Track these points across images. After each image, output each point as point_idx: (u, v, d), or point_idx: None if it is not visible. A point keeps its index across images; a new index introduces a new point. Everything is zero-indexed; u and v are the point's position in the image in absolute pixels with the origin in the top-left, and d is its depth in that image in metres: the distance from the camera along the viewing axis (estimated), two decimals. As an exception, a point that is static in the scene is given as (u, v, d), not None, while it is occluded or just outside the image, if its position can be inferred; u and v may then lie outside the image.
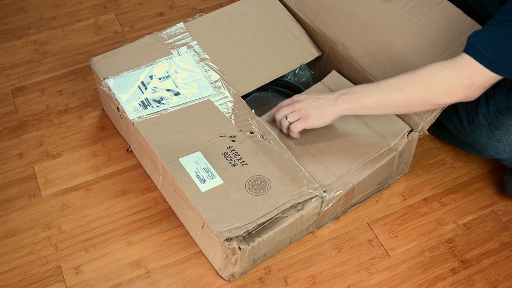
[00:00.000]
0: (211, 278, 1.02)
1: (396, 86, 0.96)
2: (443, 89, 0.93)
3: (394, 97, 0.96)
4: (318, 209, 1.00)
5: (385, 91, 0.97)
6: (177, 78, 1.13)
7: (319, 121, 1.00)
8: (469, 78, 0.90)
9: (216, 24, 1.20)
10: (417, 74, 0.95)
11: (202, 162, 1.00)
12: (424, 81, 0.93)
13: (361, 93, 0.98)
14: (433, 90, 0.93)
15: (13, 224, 1.08)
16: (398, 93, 0.96)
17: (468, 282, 1.04)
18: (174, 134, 1.04)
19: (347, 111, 0.99)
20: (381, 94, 0.97)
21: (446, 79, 0.92)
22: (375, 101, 0.97)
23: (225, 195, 0.96)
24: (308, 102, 1.01)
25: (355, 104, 0.98)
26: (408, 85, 0.95)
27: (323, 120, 1.00)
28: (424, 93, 0.94)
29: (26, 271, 1.02)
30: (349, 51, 1.15)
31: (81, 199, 1.12)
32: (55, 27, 1.45)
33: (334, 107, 0.99)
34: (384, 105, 0.97)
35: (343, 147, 1.06)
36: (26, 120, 1.25)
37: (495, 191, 1.17)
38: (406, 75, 0.96)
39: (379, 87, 0.97)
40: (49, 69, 1.35)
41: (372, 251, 1.08)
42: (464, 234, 1.11)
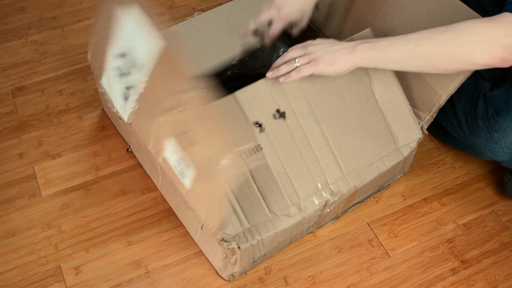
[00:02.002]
0: (211, 278, 1.03)
1: (426, 36, 0.86)
2: (480, 43, 0.83)
3: (422, 47, 0.85)
4: (320, 211, 1.00)
5: (413, 40, 0.86)
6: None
7: (330, 68, 0.89)
8: (509, 35, 0.81)
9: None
10: (451, 26, 0.85)
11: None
12: (459, 32, 0.83)
13: (384, 42, 0.87)
14: (468, 43, 0.83)
15: (13, 224, 1.08)
16: (428, 43, 0.85)
17: (468, 282, 1.04)
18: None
19: (366, 61, 0.88)
20: (408, 43, 0.86)
21: (484, 33, 0.82)
22: (400, 50, 0.86)
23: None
24: (322, 46, 0.90)
25: (376, 53, 0.87)
26: (440, 35, 0.85)
27: (336, 67, 0.89)
28: (458, 45, 0.84)
29: (26, 271, 1.02)
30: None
31: (81, 199, 1.12)
32: (55, 27, 1.45)
33: (351, 54, 0.88)
34: (409, 56, 0.86)
35: (357, 138, 1.01)
36: (26, 120, 1.25)
37: (495, 191, 1.18)
38: (438, 28, 0.86)
39: (406, 36, 0.87)
40: (49, 69, 1.35)
41: (372, 251, 1.08)
42: (464, 234, 1.11)
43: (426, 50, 0.85)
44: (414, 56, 0.86)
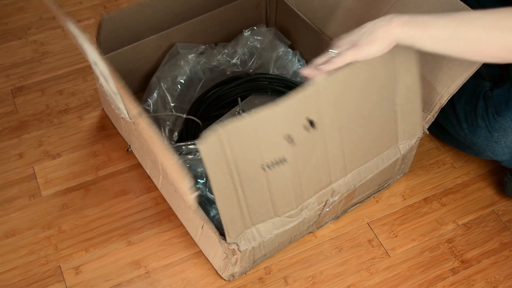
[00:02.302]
0: (211, 278, 1.03)
1: (472, 16, 0.78)
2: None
3: (466, 28, 0.77)
4: (320, 211, 1.00)
5: (456, 20, 0.78)
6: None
7: (372, 48, 0.81)
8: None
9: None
10: (495, 10, 0.77)
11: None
12: (506, 17, 0.76)
13: (423, 17, 0.79)
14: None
15: (13, 224, 1.08)
16: (472, 24, 0.77)
17: (468, 282, 1.04)
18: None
19: (405, 34, 0.79)
20: (451, 22, 0.77)
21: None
22: (442, 29, 0.78)
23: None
24: (354, 33, 0.83)
25: (414, 27, 0.79)
26: (485, 17, 0.77)
27: (378, 45, 0.80)
28: (504, 29, 0.76)
29: (26, 271, 1.02)
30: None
31: (81, 199, 1.12)
32: (55, 27, 1.45)
33: (388, 27, 0.79)
34: (451, 36, 0.78)
35: (363, 136, 0.98)
36: (26, 120, 1.25)
37: (495, 191, 1.18)
38: (481, 10, 0.78)
39: (449, 15, 0.79)
40: (49, 69, 1.35)
41: (372, 251, 1.08)
42: (464, 234, 1.11)
43: (470, 32, 0.78)
44: (456, 36, 0.78)
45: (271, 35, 1.26)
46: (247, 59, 1.24)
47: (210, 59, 1.21)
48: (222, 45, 1.24)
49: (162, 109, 1.15)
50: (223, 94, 1.19)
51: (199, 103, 1.16)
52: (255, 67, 1.26)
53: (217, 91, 1.18)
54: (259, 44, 1.25)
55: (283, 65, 1.26)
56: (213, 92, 1.18)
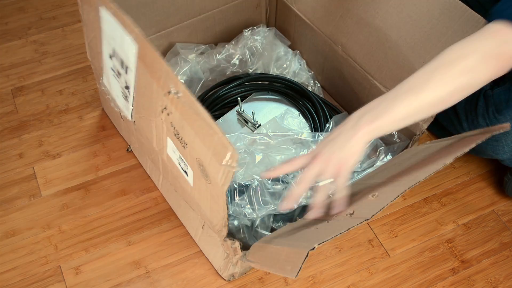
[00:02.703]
0: (211, 278, 1.03)
1: (423, 79, 0.78)
2: (476, 65, 0.76)
3: (426, 92, 0.77)
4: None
5: (412, 89, 0.77)
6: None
7: (356, 157, 0.78)
8: (501, 45, 0.76)
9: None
10: (442, 59, 0.78)
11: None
12: (453, 62, 0.76)
13: (383, 104, 0.78)
14: (466, 70, 0.76)
15: (13, 224, 1.08)
16: (429, 86, 0.77)
17: (468, 282, 1.04)
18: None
19: (373, 132, 0.78)
20: (409, 95, 0.77)
21: (479, 52, 0.76)
22: (405, 106, 0.77)
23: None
24: (329, 148, 0.79)
25: (381, 119, 0.77)
26: (436, 73, 0.77)
27: (358, 153, 0.78)
28: (457, 75, 0.76)
29: (26, 271, 1.02)
30: (348, 51, 1.15)
31: (81, 199, 1.12)
32: (55, 27, 1.45)
33: (358, 134, 0.77)
34: (416, 107, 0.77)
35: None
36: (26, 120, 1.25)
37: (495, 191, 1.18)
38: (426, 66, 0.79)
39: (402, 89, 0.78)
40: (49, 69, 1.35)
41: (372, 251, 1.08)
42: (464, 234, 1.11)
43: (430, 95, 0.77)
44: (420, 106, 0.78)
45: (271, 35, 1.26)
46: (247, 59, 1.24)
47: (210, 59, 1.21)
48: (222, 45, 1.24)
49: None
50: (223, 94, 1.19)
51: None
52: (255, 67, 1.26)
53: (217, 91, 1.18)
54: (259, 44, 1.25)
55: (283, 65, 1.27)
56: (213, 92, 1.18)
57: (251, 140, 1.02)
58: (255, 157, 1.00)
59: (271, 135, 1.03)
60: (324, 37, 1.19)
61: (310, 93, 1.18)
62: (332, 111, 1.21)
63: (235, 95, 1.20)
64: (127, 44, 0.86)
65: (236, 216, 0.98)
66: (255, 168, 1.00)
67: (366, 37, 1.13)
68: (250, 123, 1.15)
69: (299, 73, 1.27)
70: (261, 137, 1.03)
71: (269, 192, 0.97)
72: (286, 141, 1.03)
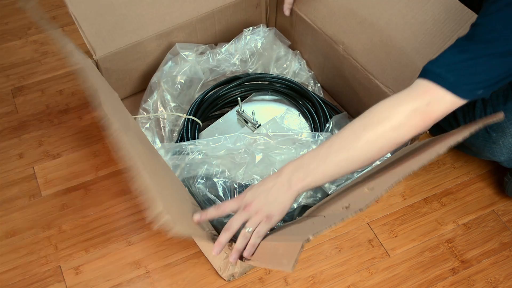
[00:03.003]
0: (211, 278, 1.03)
1: (353, 137, 0.82)
2: (404, 122, 0.81)
3: (355, 150, 0.81)
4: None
5: (342, 146, 0.82)
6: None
7: (283, 214, 0.83)
8: (428, 104, 0.80)
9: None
10: (371, 116, 0.82)
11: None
12: (382, 120, 0.81)
13: (315, 162, 0.82)
14: (394, 127, 0.81)
15: (13, 224, 1.08)
16: (359, 143, 0.81)
17: (468, 282, 1.04)
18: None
19: (306, 187, 0.83)
20: (340, 152, 0.81)
21: (404, 110, 0.80)
22: (335, 163, 0.81)
23: None
24: (261, 200, 0.83)
25: (313, 177, 0.82)
26: (366, 131, 0.81)
27: (286, 210, 0.83)
28: (385, 132, 0.81)
29: (26, 271, 1.02)
30: (349, 50, 1.15)
31: (81, 199, 1.12)
32: (55, 27, 1.45)
33: (290, 191, 0.82)
34: (346, 164, 0.82)
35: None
36: (26, 120, 1.25)
37: (495, 191, 1.18)
38: (356, 122, 0.83)
39: (333, 146, 0.82)
40: (49, 69, 1.35)
41: (372, 251, 1.08)
42: (464, 234, 1.11)
43: (359, 151, 0.81)
44: (350, 162, 0.82)
45: (271, 35, 1.26)
46: (247, 59, 1.24)
47: (210, 59, 1.21)
48: (222, 45, 1.24)
49: (162, 109, 1.15)
50: (223, 94, 1.19)
51: (199, 103, 1.16)
52: (255, 67, 1.25)
53: (217, 91, 1.18)
54: (259, 44, 1.25)
55: (283, 65, 1.26)
56: (213, 92, 1.18)
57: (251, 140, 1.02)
58: (255, 157, 1.00)
59: (271, 135, 1.03)
60: (325, 36, 1.19)
61: (310, 93, 1.18)
62: (332, 111, 1.21)
63: (235, 95, 1.19)
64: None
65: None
66: (255, 168, 1.00)
67: (369, 37, 1.13)
68: (250, 123, 1.15)
69: (299, 73, 1.27)
70: (261, 137, 1.03)
71: (269, 192, 0.97)
72: (286, 141, 1.03)
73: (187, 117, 1.12)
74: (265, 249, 0.81)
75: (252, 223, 0.82)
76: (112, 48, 1.12)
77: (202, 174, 1.01)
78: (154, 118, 1.15)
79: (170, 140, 1.14)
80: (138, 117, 1.14)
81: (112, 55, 1.13)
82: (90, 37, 1.12)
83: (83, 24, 1.12)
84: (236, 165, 1.00)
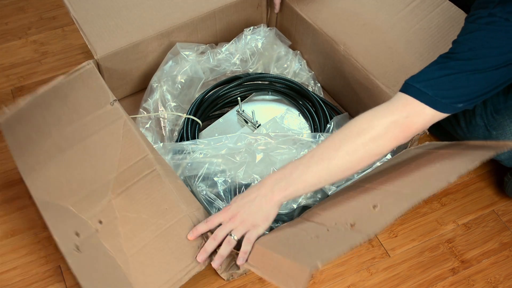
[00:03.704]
0: (211, 278, 1.02)
1: (333, 147, 0.85)
2: (385, 134, 0.84)
3: (336, 160, 0.84)
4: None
5: (323, 157, 0.84)
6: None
7: (268, 223, 0.87)
8: (407, 117, 0.83)
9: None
10: (352, 127, 0.85)
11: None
12: (362, 131, 0.84)
13: (296, 172, 0.85)
14: (374, 138, 0.83)
15: (13, 224, 1.08)
16: (339, 153, 0.84)
17: (468, 282, 1.04)
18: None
19: (288, 197, 0.87)
20: (320, 162, 0.84)
21: (384, 122, 0.83)
22: (316, 173, 0.85)
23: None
24: (245, 210, 0.87)
25: (295, 186, 0.85)
26: (346, 141, 0.84)
27: (271, 218, 0.87)
28: (365, 143, 0.83)
29: (26, 271, 1.02)
30: (351, 51, 1.15)
31: (81, 199, 1.12)
32: (55, 27, 1.45)
33: (273, 201, 0.86)
34: (327, 174, 0.85)
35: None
36: (26, 120, 1.25)
37: (495, 191, 1.18)
38: (337, 134, 0.86)
39: (314, 157, 0.85)
40: (49, 69, 1.35)
41: (372, 251, 1.08)
42: (464, 234, 1.11)
43: (340, 161, 0.84)
44: (331, 172, 0.85)
45: (272, 35, 1.26)
46: (248, 59, 1.25)
47: (211, 59, 1.21)
48: (223, 44, 1.24)
49: (162, 109, 1.16)
50: (223, 94, 1.19)
51: (199, 103, 1.16)
52: (256, 67, 1.26)
53: (217, 91, 1.18)
54: (260, 44, 1.25)
55: (284, 65, 1.27)
56: (213, 92, 1.18)
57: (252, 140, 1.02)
58: (255, 156, 1.00)
59: (272, 135, 1.04)
60: (326, 36, 1.19)
61: (310, 93, 1.18)
62: (332, 111, 1.21)
63: (235, 95, 1.20)
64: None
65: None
66: (256, 167, 1.00)
67: (372, 39, 1.14)
68: (250, 123, 1.15)
69: (299, 73, 1.27)
70: (262, 137, 1.03)
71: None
72: (287, 141, 1.03)
73: (187, 116, 1.12)
74: (268, 259, 0.81)
75: (237, 232, 0.86)
76: (113, 48, 1.12)
77: (203, 174, 1.01)
78: (155, 118, 1.15)
79: (170, 140, 1.14)
80: (138, 117, 1.14)
81: (113, 55, 1.13)
82: (91, 38, 1.12)
83: (84, 27, 1.12)
84: (236, 165, 1.00)
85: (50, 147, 0.96)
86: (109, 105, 0.97)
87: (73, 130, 0.97)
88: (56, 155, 0.95)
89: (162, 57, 1.21)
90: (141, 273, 0.84)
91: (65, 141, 0.96)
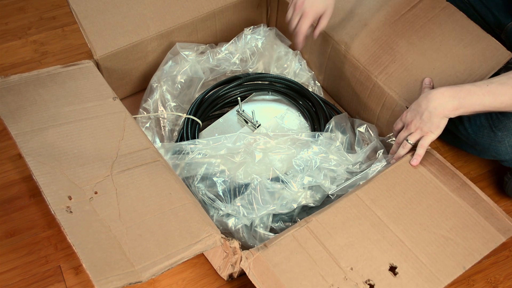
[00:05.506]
0: (211, 278, 1.02)
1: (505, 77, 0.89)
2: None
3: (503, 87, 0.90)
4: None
5: (504, 84, 0.90)
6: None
7: (440, 129, 0.96)
8: None
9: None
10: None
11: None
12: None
13: (471, 99, 0.92)
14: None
15: (13, 224, 1.08)
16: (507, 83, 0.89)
17: (468, 282, 1.04)
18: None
19: (457, 115, 0.94)
20: (500, 89, 0.91)
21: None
22: (493, 101, 0.91)
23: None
24: (417, 119, 0.97)
25: (466, 109, 0.93)
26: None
27: (442, 126, 0.96)
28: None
29: (26, 271, 1.02)
30: (352, 51, 1.15)
31: (81, 199, 1.12)
32: (55, 27, 1.45)
33: (443, 114, 0.94)
34: (503, 104, 0.91)
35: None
36: (26, 120, 1.25)
37: (495, 191, 1.17)
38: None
39: (493, 82, 0.90)
40: (49, 69, 1.36)
41: None
42: (464, 234, 1.11)
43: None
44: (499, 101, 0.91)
45: (272, 34, 1.27)
46: (248, 59, 1.25)
47: (210, 59, 1.21)
48: (223, 44, 1.24)
49: (162, 109, 1.16)
50: (223, 94, 1.19)
51: (199, 103, 1.16)
52: (255, 67, 1.26)
53: (217, 91, 1.18)
54: (260, 43, 1.25)
55: (284, 65, 1.27)
56: (213, 92, 1.18)
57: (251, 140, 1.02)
58: (255, 156, 1.00)
59: (271, 135, 1.03)
60: (326, 36, 1.19)
61: (310, 93, 1.18)
62: (332, 111, 1.21)
63: (235, 95, 1.20)
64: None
65: (235, 216, 0.98)
66: (255, 167, 1.00)
67: (374, 40, 1.14)
68: (250, 123, 1.15)
69: (299, 73, 1.27)
70: (261, 137, 1.03)
71: (268, 191, 0.97)
72: (286, 141, 1.03)
73: (187, 116, 1.12)
74: (269, 276, 0.82)
75: (412, 138, 0.98)
76: (112, 48, 1.12)
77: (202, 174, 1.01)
78: (154, 118, 1.15)
79: (170, 140, 1.14)
80: (138, 117, 1.14)
81: (113, 55, 1.13)
82: (91, 36, 1.12)
83: (84, 22, 1.12)
84: (236, 165, 1.00)
85: (47, 119, 0.90)
86: (111, 99, 0.94)
87: (73, 111, 0.92)
88: (54, 126, 0.89)
89: (162, 57, 1.21)
90: (138, 244, 0.79)
91: (64, 117, 0.90)
